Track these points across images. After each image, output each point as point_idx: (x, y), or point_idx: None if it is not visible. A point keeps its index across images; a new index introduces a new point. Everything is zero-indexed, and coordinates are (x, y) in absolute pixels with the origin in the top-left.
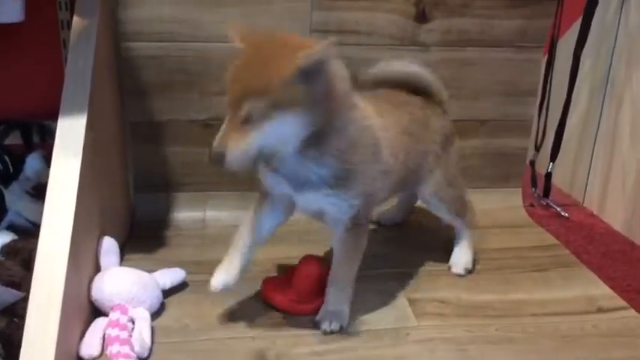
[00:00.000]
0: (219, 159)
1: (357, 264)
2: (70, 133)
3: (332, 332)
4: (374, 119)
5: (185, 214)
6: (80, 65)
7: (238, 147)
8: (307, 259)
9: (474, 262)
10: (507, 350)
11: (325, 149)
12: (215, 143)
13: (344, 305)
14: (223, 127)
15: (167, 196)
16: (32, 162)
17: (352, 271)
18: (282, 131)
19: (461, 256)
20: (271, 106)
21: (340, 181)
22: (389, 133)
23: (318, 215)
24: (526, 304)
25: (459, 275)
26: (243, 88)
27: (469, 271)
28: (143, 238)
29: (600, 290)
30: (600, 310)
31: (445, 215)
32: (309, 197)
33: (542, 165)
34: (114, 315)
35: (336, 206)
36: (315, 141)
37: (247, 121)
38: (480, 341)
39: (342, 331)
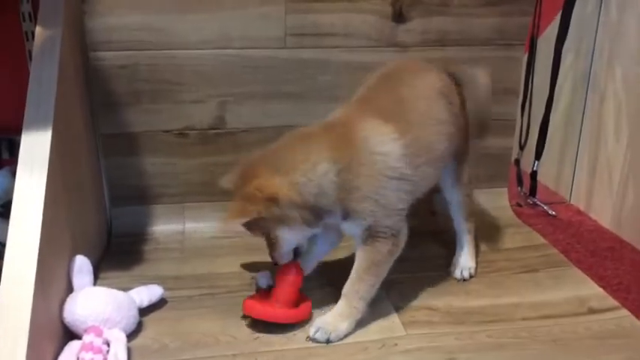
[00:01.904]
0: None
1: (370, 283)
2: (35, 148)
3: (314, 340)
4: (372, 137)
5: (163, 227)
6: (44, 77)
7: (278, 257)
8: (287, 266)
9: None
10: (499, 357)
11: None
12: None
13: (343, 322)
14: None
15: (144, 209)
16: (1, 179)
17: (365, 287)
18: (289, 237)
19: (465, 261)
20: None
21: (347, 215)
22: (407, 135)
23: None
24: (517, 308)
25: (463, 280)
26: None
27: (472, 276)
28: (120, 253)
29: (591, 290)
30: (592, 311)
31: (459, 199)
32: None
33: (528, 164)
34: (87, 338)
35: (348, 229)
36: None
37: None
38: (470, 349)
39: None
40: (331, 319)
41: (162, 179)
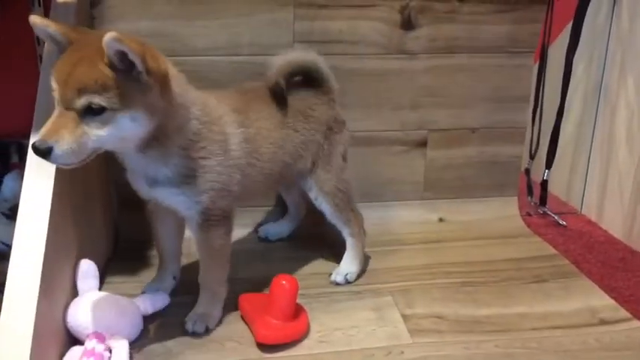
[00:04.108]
0: (44, 152)
1: (221, 266)
2: None
3: (194, 333)
4: (225, 115)
5: None
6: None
7: (69, 142)
8: (281, 277)
9: (360, 274)
10: None
11: (167, 148)
12: (41, 135)
13: (213, 308)
14: (52, 119)
15: None
16: (9, 182)
17: (218, 273)
18: (121, 130)
19: (344, 265)
20: (111, 103)
21: (185, 178)
22: (249, 129)
23: (175, 212)
24: (526, 318)
25: (336, 283)
26: (80, 83)
27: (348, 282)
28: (127, 258)
29: (602, 301)
30: (603, 323)
31: (328, 209)
32: (161, 193)
33: (538, 174)
34: (90, 344)
35: (183, 203)
36: (157, 140)
37: (82, 118)
38: (480, 358)
39: (207, 332)
40: (202, 309)
41: None
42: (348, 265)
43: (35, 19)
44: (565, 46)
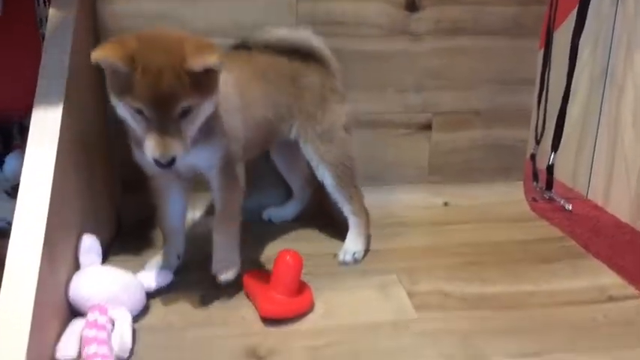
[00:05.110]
0: (171, 163)
1: (237, 208)
2: (44, 127)
3: (228, 282)
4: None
5: None
6: (55, 58)
7: (184, 147)
8: (285, 253)
9: (365, 252)
10: (517, 342)
11: None
12: (162, 152)
13: (233, 252)
14: (158, 132)
15: None
16: (11, 162)
17: (235, 214)
18: (203, 117)
19: (349, 244)
20: (194, 101)
21: (206, 135)
22: (231, 72)
23: (192, 169)
24: (534, 296)
25: (345, 263)
26: (171, 96)
27: (356, 260)
28: (130, 238)
29: (610, 279)
30: (611, 299)
31: (330, 180)
32: (191, 156)
33: (544, 159)
34: (92, 315)
35: (209, 154)
36: None
37: (179, 121)
38: (486, 333)
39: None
40: (225, 257)
41: None
42: (353, 244)
43: (97, 56)
44: (570, 31)
